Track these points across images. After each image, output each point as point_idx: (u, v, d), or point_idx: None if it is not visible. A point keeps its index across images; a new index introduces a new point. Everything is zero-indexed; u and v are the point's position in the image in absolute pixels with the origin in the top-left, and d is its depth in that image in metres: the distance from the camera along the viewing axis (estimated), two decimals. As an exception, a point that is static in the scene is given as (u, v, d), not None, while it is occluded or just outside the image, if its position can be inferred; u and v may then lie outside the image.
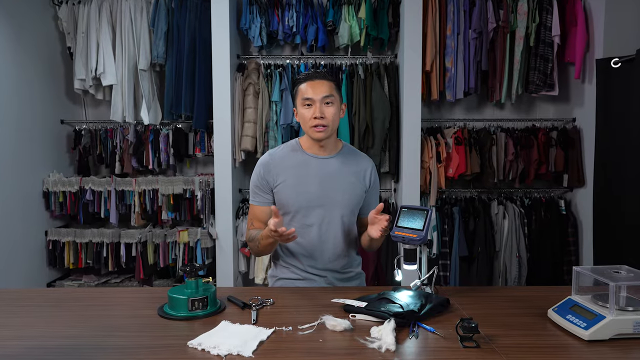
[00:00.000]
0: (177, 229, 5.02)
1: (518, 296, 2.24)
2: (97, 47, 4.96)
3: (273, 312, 2.03)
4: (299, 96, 2.42)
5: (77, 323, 1.93)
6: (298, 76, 2.55)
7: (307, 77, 2.43)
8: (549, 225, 4.96)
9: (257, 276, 4.95)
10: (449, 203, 5.08)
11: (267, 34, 4.91)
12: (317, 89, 2.37)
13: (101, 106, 5.49)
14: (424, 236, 2.08)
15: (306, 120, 2.39)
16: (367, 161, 2.58)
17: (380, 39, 4.92)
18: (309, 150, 2.48)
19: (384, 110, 4.76)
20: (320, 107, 2.36)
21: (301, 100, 2.40)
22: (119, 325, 1.90)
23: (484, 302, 2.15)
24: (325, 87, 2.38)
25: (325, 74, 2.44)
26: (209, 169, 5.49)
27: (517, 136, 5.03)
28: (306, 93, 2.38)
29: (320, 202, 2.42)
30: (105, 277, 5.32)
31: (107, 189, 5.07)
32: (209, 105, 4.84)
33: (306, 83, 2.40)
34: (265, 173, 2.46)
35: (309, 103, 2.38)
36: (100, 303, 2.18)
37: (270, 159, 2.49)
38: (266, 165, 2.47)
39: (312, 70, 2.49)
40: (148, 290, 3.02)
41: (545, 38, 4.81)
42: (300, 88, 2.42)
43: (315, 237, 2.44)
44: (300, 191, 2.42)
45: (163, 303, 2.06)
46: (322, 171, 2.44)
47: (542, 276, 4.93)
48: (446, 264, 4.93)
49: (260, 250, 2.41)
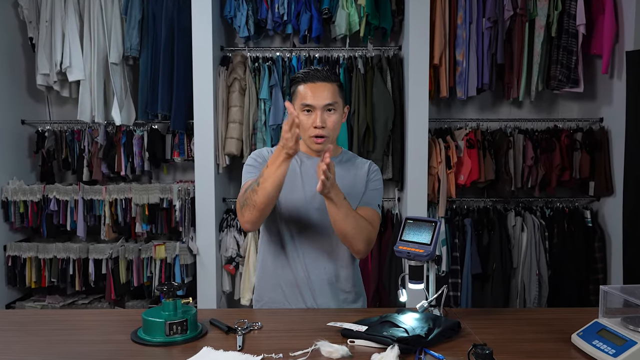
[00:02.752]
0: (152, 244, 5.01)
1: (538, 319, 2.24)
2: (62, 37, 4.95)
3: (261, 337, 2.03)
4: (297, 98, 2.38)
5: (40, 350, 1.92)
6: (297, 73, 2.47)
7: (307, 77, 2.38)
8: (572, 239, 4.97)
9: (243, 296, 4.95)
10: (459, 214, 5.09)
11: (255, 23, 4.92)
12: (318, 94, 2.34)
13: (67, 104, 5.48)
14: (432, 251, 2.08)
15: (305, 128, 2.36)
16: (368, 163, 2.58)
17: (383, 29, 4.92)
18: (304, 150, 2.48)
19: (386, 110, 4.78)
20: (321, 115, 2.34)
21: (300, 104, 2.36)
22: (88, 352, 1.90)
23: (499, 325, 2.15)
24: (328, 91, 2.36)
25: (328, 74, 2.40)
26: (188, 176, 5.48)
27: (537, 138, 5.04)
28: (306, 98, 2.35)
29: (317, 205, 2.41)
30: (71, 297, 5.29)
31: (74, 198, 5.05)
32: (189, 103, 4.85)
33: (306, 85, 2.37)
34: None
35: (309, 109, 2.35)
36: (66, 327, 2.17)
37: (267, 151, 2.52)
38: (263, 155, 2.50)
39: (313, 68, 2.43)
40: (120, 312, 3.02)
41: (568, 27, 4.82)
42: (300, 90, 2.38)
43: (313, 240, 2.45)
44: (296, 195, 2.43)
45: (137, 327, 2.05)
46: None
47: (565, 296, 4.94)
48: (457, 283, 4.93)
49: (261, 197, 2.23)
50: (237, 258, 4.93)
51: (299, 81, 2.40)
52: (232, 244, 4.93)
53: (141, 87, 4.99)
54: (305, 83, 2.37)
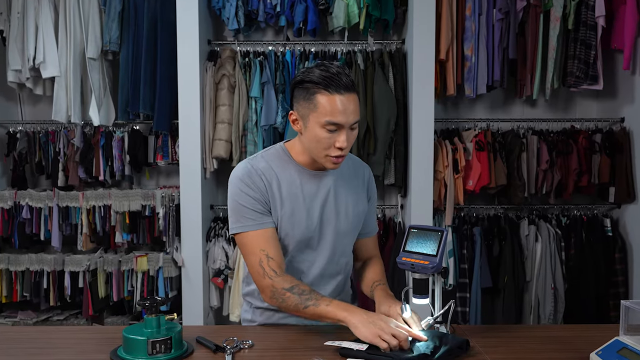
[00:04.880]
0: (134, 255, 5.01)
1: (553, 337, 2.25)
2: (35, 30, 4.95)
3: (252, 356, 2.03)
4: (317, 111, 2.14)
5: (10, 371, 1.92)
6: (310, 74, 2.17)
7: (330, 85, 2.12)
8: (591, 249, 4.98)
9: (232, 312, 4.95)
10: (468, 222, 5.10)
11: (245, 15, 4.92)
12: (347, 109, 2.13)
13: (41, 103, 5.49)
14: (438, 263, 2.08)
15: (324, 146, 2.18)
16: (364, 167, 2.56)
17: (384, 21, 4.92)
18: (303, 163, 2.34)
19: (388, 109, 4.78)
20: (347, 135, 2.17)
21: (324, 121, 2.13)
22: (62, 373, 1.90)
23: (511, 344, 2.16)
24: (355, 105, 2.16)
25: (352, 82, 2.17)
26: (173, 181, 5.49)
27: (553, 140, 5.06)
28: (335, 115, 2.12)
29: (323, 231, 2.36)
30: (45, 313, 5.29)
31: (48, 205, 5.05)
32: (174, 102, 4.86)
33: (331, 96, 2.12)
34: (266, 185, 2.26)
35: (335, 129, 2.15)
36: (40, 345, 2.17)
37: (257, 169, 2.29)
38: (257, 176, 2.26)
39: (334, 71, 2.14)
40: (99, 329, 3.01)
41: (587, 19, 4.83)
42: (321, 102, 2.13)
43: (317, 273, 2.40)
44: (298, 220, 2.31)
45: (117, 345, 2.05)
46: (322, 190, 2.35)
47: (583, 312, 4.95)
48: (465, 298, 4.94)
49: (293, 312, 2.20)
50: (226, 270, 4.93)
51: (319, 88, 2.13)
52: (220, 255, 4.93)
53: (121, 85, 4.98)
54: (329, 93, 2.12)
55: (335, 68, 2.13)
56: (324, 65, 2.14)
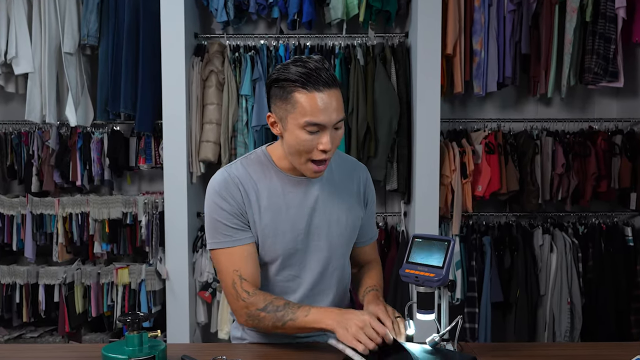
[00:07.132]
0: (114, 267, 5.01)
1: (570, 356, 2.25)
2: (7, 23, 4.95)
3: (243, 377, 2.03)
4: (295, 112, 2.09)
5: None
6: (284, 71, 2.12)
7: (308, 82, 2.07)
8: (611, 261, 4.99)
9: (221, 329, 4.95)
10: (477, 231, 5.11)
11: (235, 6, 4.92)
12: (328, 107, 2.08)
13: (13, 102, 5.49)
14: (444, 276, 2.08)
15: (306, 149, 2.13)
16: (360, 167, 2.52)
17: (386, 12, 4.94)
18: (286, 168, 2.30)
19: (390, 108, 4.79)
20: (331, 135, 2.12)
21: (303, 122, 2.08)
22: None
23: (524, 363, 2.16)
24: (337, 102, 2.11)
25: (332, 77, 2.12)
26: (156, 186, 5.49)
27: (569, 142, 5.07)
28: (315, 115, 2.07)
29: (311, 244, 2.34)
30: (18, 330, 5.29)
31: (21, 213, 5.05)
32: (157, 100, 4.86)
33: (309, 94, 2.07)
34: (243, 195, 2.25)
35: (317, 130, 2.10)
36: (10, 366, 2.18)
37: (234, 178, 2.26)
38: (234, 186, 2.24)
39: (311, 67, 2.09)
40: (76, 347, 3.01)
41: (606, 11, 4.83)
42: (300, 101, 2.08)
43: (307, 289, 2.37)
44: (280, 233, 2.28)
45: (95, 366, 2.06)
46: (309, 199, 2.32)
47: (602, 329, 4.95)
48: (474, 313, 4.95)
49: (272, 329, 2.20)
50: (214, 284, 4.93)
51: (296, 86, 2.09)
52: (207, 267, 4.93)
53: (100, 82, 4.98)
54: (307, 91, 2.07)
55: (314, 63, 2.08)
56: (300, 61, 2.10)
